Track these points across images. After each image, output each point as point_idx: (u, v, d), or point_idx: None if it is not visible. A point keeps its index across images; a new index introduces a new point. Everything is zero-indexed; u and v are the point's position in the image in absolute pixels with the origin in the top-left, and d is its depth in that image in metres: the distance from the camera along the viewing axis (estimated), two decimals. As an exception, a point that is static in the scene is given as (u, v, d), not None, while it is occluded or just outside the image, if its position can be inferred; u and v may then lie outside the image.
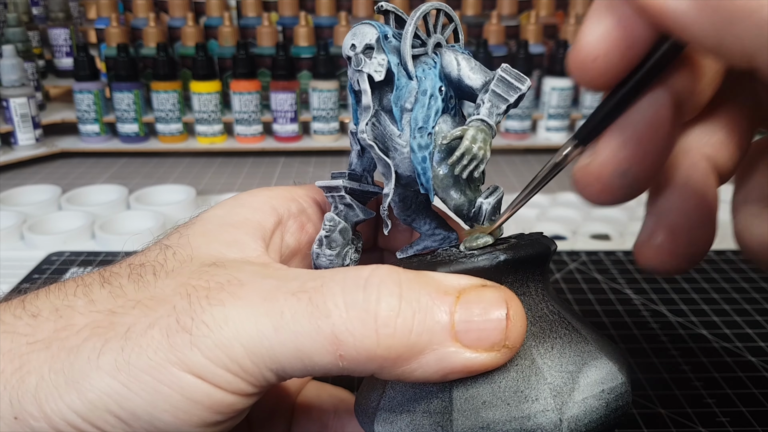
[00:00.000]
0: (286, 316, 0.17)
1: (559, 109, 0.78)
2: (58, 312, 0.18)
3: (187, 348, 0.17)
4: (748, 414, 0.31)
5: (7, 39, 0.80)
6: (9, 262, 0.47)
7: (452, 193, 0.21)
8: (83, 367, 0.17)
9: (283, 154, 0.79)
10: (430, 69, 0.22)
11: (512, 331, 0.18)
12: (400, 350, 0.17)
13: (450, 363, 0.17)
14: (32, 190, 0.61)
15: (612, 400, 0.19)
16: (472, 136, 0.20)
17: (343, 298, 0.17)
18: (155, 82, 0.75)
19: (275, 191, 0.24)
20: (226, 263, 0.19)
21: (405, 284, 0.17)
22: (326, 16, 0.82)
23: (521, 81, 0.21)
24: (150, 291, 0.18)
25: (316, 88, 0.75)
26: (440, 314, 0.17)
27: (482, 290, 0.18)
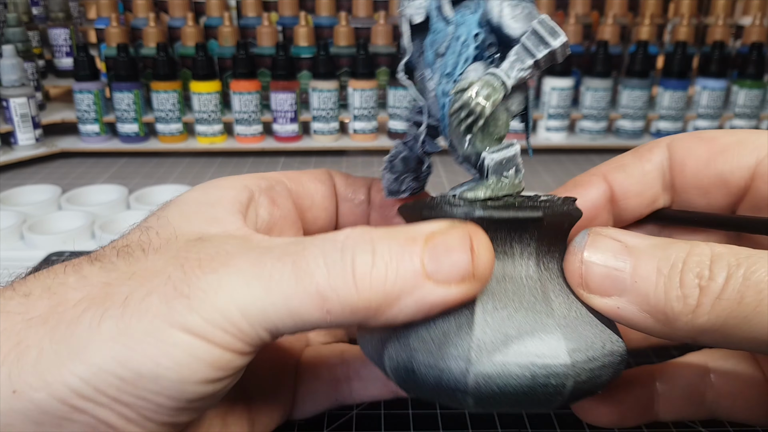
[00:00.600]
0: (274, 278, 0.18)
1: (559, 109, 0.78)
2: (50, 290, 0.19)
3: (186, 311, 0.18)
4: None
5: (7, 39, 0.80)
6: (9, 262, 0.47)
7: (463, 143, 0.21)
8: (84, 334, 0.17)
9: (283, 154, 0.79)
10: (471, 14, 0.21)
11: (478, 261, 0.19)
12: (379, 299, 0.18)
13: (427, 301, 0.19)
14: (32, 190, 0.61)
15: (541, 375, 0.19)
16: (473, 90, 0.20)
17: (324, 259, 0.18)
18: (155, 82, 0.75)
19: (246, 175, 0.26)
20: (210, 238, 0.20)
21: (376, 240, 0.19)
22: (326, 16, 0.82)
23: (554, 35, 0.20)
24: (142, 264, 0.19)
25: (316, 88, 0.75)
26: (410, 260, 0.19)
27: (447, 231, 0.19)
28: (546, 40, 0.20)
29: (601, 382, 0.20)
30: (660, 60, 0.83)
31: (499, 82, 0.20)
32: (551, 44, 0.20)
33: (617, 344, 0.21)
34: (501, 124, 0.21)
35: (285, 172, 0.27)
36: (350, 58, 0.78)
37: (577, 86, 0.81)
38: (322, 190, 0.27)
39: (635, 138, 0.80)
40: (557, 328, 0.20)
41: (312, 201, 0.27)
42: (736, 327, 0.18)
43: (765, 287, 0.17)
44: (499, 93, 0.20)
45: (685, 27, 0.82)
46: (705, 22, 0.87)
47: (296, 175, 0.27)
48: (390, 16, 0.82)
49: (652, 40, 0.81)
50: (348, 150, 0.80)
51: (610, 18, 0.82)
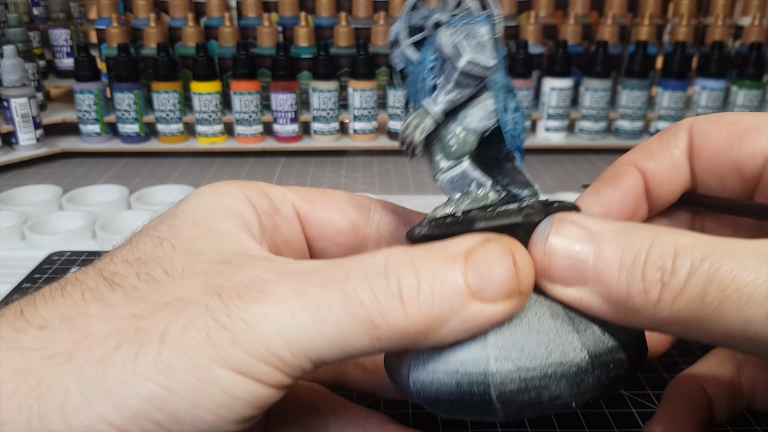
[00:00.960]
0: (322, 308, 0.18)
1: (559, 110, 0.79)
2: (70, 321, 0.18)
3: (229, 345, 0.17)
4: (748, 413, 0.31)
5: (8, 39, 0.80)
6: (10, 262, 0.48)
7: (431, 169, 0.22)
8: (119, 375, 0.16)
9: (283, 154, 0.79)
10: (426, 50, 0.22)
11: (522, 276, 0.19)
12: (428, 323, 0.18)
13: (475, 321, 0.18)
14: (33, 190, 0.61)
15: (465, 384, 0.19)
16: (407, 123, 0.21)
17: (370, 285, 0.18)
18: (156, 83, 0.75)
19: (247, 183, 0.24)
20: (236, 260, 0.19)
21: (417, 261, 0.18)
22: (326, 17, 0.82)
23: (458, 58, 0.20)
24: (171, 292, 0.18)
25: (316, 89, 0.75)
26: (454, 280, 0.18)
27: (486, 246, 0.19)
28: (455, 63, 0.20)
29: (554, 394, 0.19)
30: (659, 60, 0.83)
31: (424, 110, 0.21)
32: (457, 66, 0.20)
33: (573, 354, 0.20)
34: (458, 144, 0.22)
35: (300, 190, 0.25)
36: (350, 58, 0.78)
37: (577, 86, 0.81)
38: (339, 222, 0.25)
39: (634, 138, 0.80)
40: (489, 336, 0.20)
41: (321, 232, 0.25)
42: (698, 323, 0.17)
43: (728, 285, 0.16)
44: (426, 120, 0.21)
45: (685, 27, 0.82)
46: (704, 23, 0.87)
47: (312, 196, 0.25)
48: (390, 17, 0.82)
49: (651, 40, 0.81)
50: (348, 150, 0.80)
51: (610, 18, 0.82)
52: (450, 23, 0.21)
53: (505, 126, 0.22)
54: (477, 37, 0.21)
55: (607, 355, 0.20)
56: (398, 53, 0.23)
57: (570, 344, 0.20)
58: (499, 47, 0.22)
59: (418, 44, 0.23)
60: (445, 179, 0.22)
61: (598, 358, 0.20)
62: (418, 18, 0.23)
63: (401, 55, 0.23)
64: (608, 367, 0.20)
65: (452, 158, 0.22)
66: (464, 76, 0.20)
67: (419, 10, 0.23)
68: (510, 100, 0.22)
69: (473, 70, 0.20)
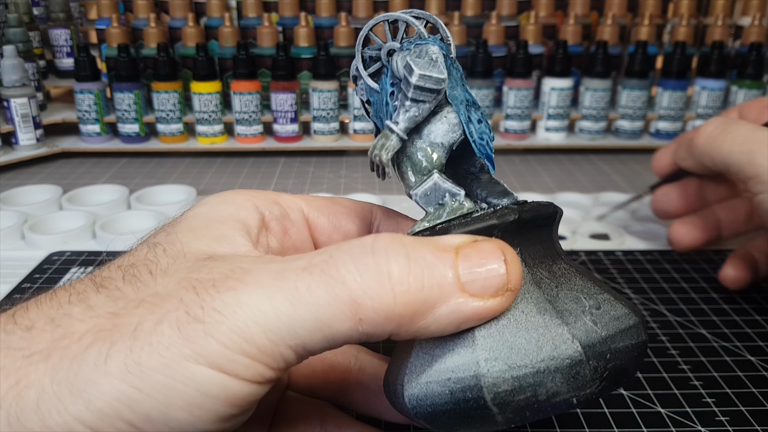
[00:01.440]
0: (301, 289, 0.17)
1: (559, 110, 0.79)
2: (54, 322, 0.17)
3: (201, 338, 0.16)
4: (748, 413, 0.31)
5: (8, 39, 0.80)
6: (10, 262, 0.48)
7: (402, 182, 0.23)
8: (89, 373, 0.16)
9: (283, 154, 0.79)
10: (385, 77, 0.23)
11: (512, 275, 0.19)
12: (416, 305, 0.18)
13: (461, 313, 0.18)
14: (33, 190, 0.61)
15: (457, 390, 0.19)
16: (373, 145, 0.22)
17: (355, 265, 0.18)
18: (156, 83, 0.75)
19: (258, 192, 0.24)
20: (221, 257, 0.19)
21: (409, 245, 0.18)
22: (326, 17, 0.82)
23: (411, 72, 0.21)
24: (151, 289, 0.18)
25: (316, 89, 0.75)
26: (445, 269, 0.18)
27: (477, 244, 0.19)
28: (408, 79, 0.21)
29: (551, 390, 0.19)
30: (659, 60, 0.83)
31: (389, 129, 0.22)
32: (411, 81, 0.21)
33: (565, 346, 0.19)
34: (426, 159, 0.22)
35: (308, 198, 0.25)
36: (350, 58, 0.78)
37: (577, 86, 0.81)
38: (346, 227, 0.25)
39: (634, 138, 0.80)
40: (477, 338, 0.19)
41: (329, 237, 0.25)
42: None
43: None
44: (391, 140, 0.22)
45: (685, 27, 0.82)
46: (704, 23, 0.87)
47: (320, 203, 0.25)
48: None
49: (651, 40, 0.81)
50: (348, 150, 0.80)
51: (610, 18, 0.82)
52: (402, 48, 0.23)
53: (471, 136, 0.22)
54: (428, 54, 0.21)
55: (602, 344, 0.20)
56: (360, 85, 0.24)
57: (560, 337, 0.20)
58: (455, 66, 0.23)
59: (378, 74, 0.24)
60: (419, 194, 0.22)
61: (592, 348, 0.20)
62: (373, 50, 0.24)
63: (364, 87, 0.24)
64: (604, 356, 0.20)
65: (422, 174, 0.22)
66: (419, 91, 0.21)
67: (373, 45, 0.24)
68: (473, 113, 0.23)
69: (426, 83, 0.21)
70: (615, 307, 0.21)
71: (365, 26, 0.24)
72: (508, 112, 0.79)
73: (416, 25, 0.23)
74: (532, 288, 0.21)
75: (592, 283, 0.22)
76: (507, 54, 0.80)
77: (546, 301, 0.20)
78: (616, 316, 0.21)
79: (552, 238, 0.23)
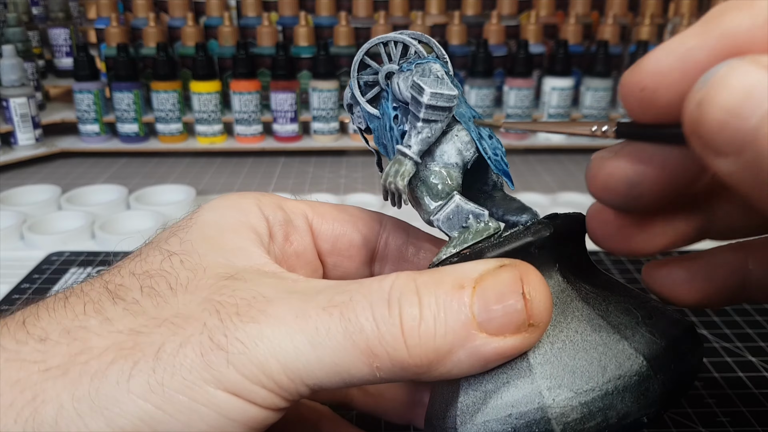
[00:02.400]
0: (321, 332, 0.17)
1: (559, 109, 0.78)
2: (70, 334, 0.17)
3: (223, 366, 0.17)
4: (749, 414, 0.31)
5: (7, 39, 0.80)
6: (9, 262, 0.47)
7: (420, 214, 0.22)
8: (111, 391, 0.16)
9: (283, 154, 0.79)
10: (386, 101, 0.22)
11: (533, 309, 0.18)
12: (430, 356, 0.17)
13: (482, 354, 0.17)
14: (32, 190, 0.61)
15: (521, 426, 0.18)
16: (386, 172, 0.21)
17: (372, 312, 0.17)
18: (155, 82, 0.75)
19: (263, 196, 0.24)
20: (242, 275, 0.19)
21: (422, 289, 0.18)
22: (326, 16, 0.82)
23: (421, 92, 0.20)
24: (173, 308, 0.18)
25: (316, 88, 0.75)
26: (459, 309, 0.17)
27: (498, 273, 0.18)
28: (418, 99, 0.20)
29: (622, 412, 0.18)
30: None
31: (401, 154, 0.21)
32: (422, 101, 0.20)
33: (630, 362, 0.18)
34: (442, 182, 0.21)
35: (314, 204, 0.25)
36: (350, 57, 0.78)
37: (577, 86, 0.81)
38: (351, 236, 0.25)
39: (635, 138, 0.80)
40: (534, 366, 0.18)
41: (333, 246, 0.25)
42: None
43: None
44: (405, 164, 0.21)
45: (686, 27, 0.82)
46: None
47: (326, 210, 0.25)
48: (390, 16, 0.82)
49: (652, 40, 0.81)
50: (348, 150, 0.80)
51: (610, 18, 0.82)
52: (401, 69, 0.22)
53: (486, 152, 0.21)
54: (432, 72, 0.21)
55: (665, 355, 0.19)
56: (357, 113, 0.23)
57: (623, 353, 0.18)
58: (455, 84, 0.22)
59: (375, 101, 0.23)
60: (440, 219, 0.21)
61: (657, 360, 0.18)
62: (368, 75, 0.23)
63: (362, 114, 0.23)
64: (669, 368, 0.19)
65: (440, 197, 0.21)
66: (431, 110, 0.20)
67: (366, 69, 0.23)
68: (481, 129, 0.22)
69: (438, 101, 0.20)
70: (666, 314, 0.20)
71: (359, 51, 0.23)
72: (508, 112, 0.78)
73: (413, 44, 0.22)
74: (580, 305, 0.20)
75: (635, 292, 0.21)
76: (507, 53, 0.80)
77: (598, 316, 0.19)
78: (670, 322, 0.20)
79: (585, 249, 0.22)
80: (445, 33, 0.80)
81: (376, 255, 0.25)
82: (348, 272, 0.25)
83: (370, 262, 0.26)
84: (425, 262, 0.25)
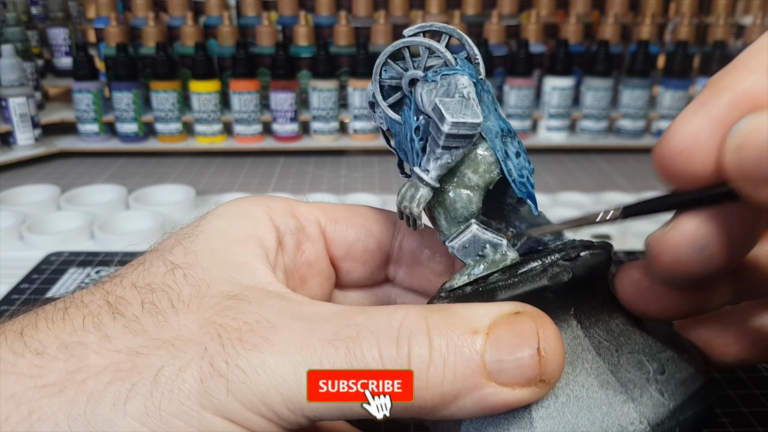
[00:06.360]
0: (325, 366, 0.17)
1: (560, 109, 0.78)
2: (67, 349, 0.17)
3: (223, 394, 0.16)
4: (749, 414, 0.31)
5: (6, 38, 0.80)
6: (8, 263, 0.47)
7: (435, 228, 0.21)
8: (108, 413, 0.16)
9: (282, 153, 0.78)
10: (408, 109, 0.21)
11: (547, 365, 0.17)
12: (435, 400, 0.17)
13: (488, 403, 0.17)
14: (31, 190, 0.61)
15: None
16: (402, 195, 0.20)
17: (379, 350, 0.17)
18: (154, 82, 0.74)
19: (276, 202, 0.23)
20: (246, 295, 0.19)
21: (433, 329, 0.17)
22: (326, 16, 0.81)
23: (442, 120, 0.18)
24: (173, 328, 0.18)
25: (315, 88, 0.75)
26: (471, 357, 0.17)
27: (513, 321, 0.18)
28: (439, 127, 0.19)
29: None
30: (661, 59, 0.83)
31: (417, 178, 0.20)
32: (442, 130, 0.19)
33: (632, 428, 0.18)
34: (462, 206, 0.20)
35: (326, 208, 0.24)
36: (350, 57, 0.78)
37: (578, 86, 0.81)
38: (365, 241, 0.24)
39: (636, 138, 0.80)
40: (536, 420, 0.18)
41: (347, 251, 0.24)
42: None
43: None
44: (421, 190, 0.20)
45: (686, 26, 0.82)
46: (706, 22, 0.86)
47: (339, 214, 0.24)
48: (390, 16, 0.82)
49: (653, 39, 0.81)
50: (348, 150, 0.80)
51: (611, 17, 0.82)
52: (426, 78, 0.20)
53: (510, 175, 0.20)
54: (458, 90, 0.19)
55: (671, 419, 0.18)
56: (379, 113, 0.22)
57: (626, 417, 0.18)
58: (486, 89, 0.20)
59: (397, 105, 0.22)
60: (456, 246, 0.20)
61: (661, 426, 0.18)
62: (392, 75, 0.21)
63: (383, 116, 0.22)
64: (674, 431, 0.18)
65: (458, 222, 0.20)
66: (451, 139, 0.19)
67: (390, 66, 0.21)
68: (509, 145, 0.21)
69: (460, 131, 0.19)
70: (680, 368, 0.20)
71: (383, 53, 0.21)
72: (509, 112, 0.78)
73: (441, 51, 0.20)
74: (590, 356, 0.19)
75: (652, 338, 0.20)
76: (508, 53, 0.80)
77: (608, 371, 0.19)
78: (683, 379, 0.19)
79: (607, 287, 0.21)
80: (445, 32, 0.80)
81: (390, 258, 0.25)
82: (362, 277, 0.25)
83: (384, 265, 0.25)
84: (440, 267, 0.24)
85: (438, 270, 0.25)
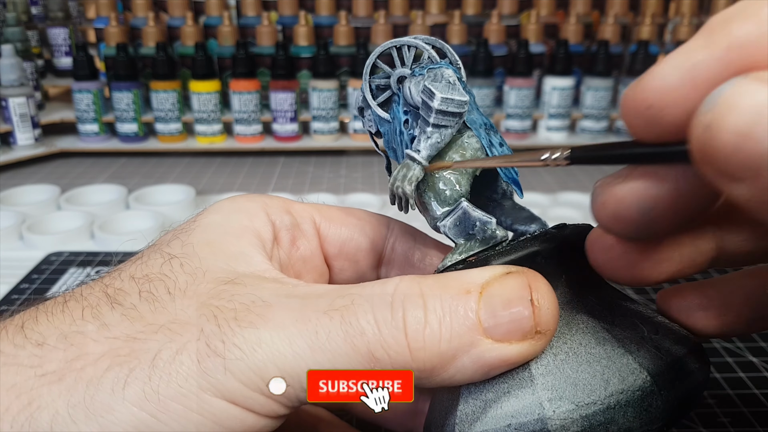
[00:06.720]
0: (321, 335, 0.17)
1: (560, 109, 0.78)
2: (67, 339, 0.17)
3: (221, 373, 0.16)
4: (749, 414, 0.31)
5: (6, 38, 0.80)
6: (8, 263, 0.47)
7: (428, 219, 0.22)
8: (106, 399, 0.16)
9: (282, 153, 0.78)
10: (397, 105, 0.22)
11: (541, 316, 0.18)
12: (434, 361, 0.17)
13: (486, 361, 0.17)
14: (31, 190, 0.61)
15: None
16: (394, 176, 0.21)
17: (374, 315, 0.17)
18: (154, 82, 0.74)
19: (272, 199, 0.24)
20: (242, 280, 0.19)
21: (427, 292, 0.17)
22: (326, 16, 0.82)
23: (431, 97, 0.20)
24: (170, 313, 0.18)
25: (315, 88, 0.75)
26: (465, 315, 0.17)
27: (505, 279, 0.18)
28: (429, 104, 0.20)
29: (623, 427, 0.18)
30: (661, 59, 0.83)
31: (409, 158, 0.21)
32: (432, 106, 0.20)
33: (633, 377, 0.18)
34: (450, 188, 0.21)
35: (321, 208, 0.25)
36: (350, 57, 0.78)
37: (578, 86, 0.81)
38: (358, 240, 0.25)
39: (636, 137, 0.80)
40: (536, 377, 0.18)
41: (340, 250, 0.25)
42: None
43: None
44: (413, 169, 0.21)
45: (686, 26, 0.82)
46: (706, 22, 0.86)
47: (333, 214, 0.25)
48: (390, 16, 0.82)
49: (653, 39, 0.81)
50: (348, 150, 0.80)
51: (611, 17, 0.82)
52: (414, 73, 0.22)
53: None
54: (444, 78, 0.20)
55: (669, 371, 0.19)
56: (368, 116, 0.23)
57: (627, 367, 0.18)
58: (468, 90, 0.21)
59: (386, 105, 0.23)
60: (447, 225, 0.21)
61: (661, 377, 0.18)
62: (380, 79, 0.23)
63: (372, 117, 0.23)
64: (673, 384, 0.18)
65: (448, 203, 0.21)
66: (441, 115, 0.20)
67: (378, 73, 0.23)
68: (492, 136, 0.22)
69: (449, 107, 0.20)
70: (672, 331, 0.20)
71: (371, 55, 0.22)
72: (509, 112, 0.78)
73: (427, 48, 0.22)
74: (585, 317, 0.19)
75: (642, 307, 0.21)
76: (508, 53, 0.80)
77: (603, 329, 0.19)
78: (677, 339, 0.20)
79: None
80: (445, 32, 0.80)
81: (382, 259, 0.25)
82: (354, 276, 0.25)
83: (376, 266, 0.25)
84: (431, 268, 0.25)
85: (429, 272, 0.25)
